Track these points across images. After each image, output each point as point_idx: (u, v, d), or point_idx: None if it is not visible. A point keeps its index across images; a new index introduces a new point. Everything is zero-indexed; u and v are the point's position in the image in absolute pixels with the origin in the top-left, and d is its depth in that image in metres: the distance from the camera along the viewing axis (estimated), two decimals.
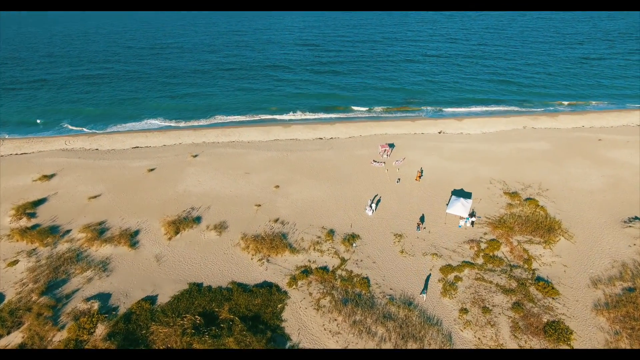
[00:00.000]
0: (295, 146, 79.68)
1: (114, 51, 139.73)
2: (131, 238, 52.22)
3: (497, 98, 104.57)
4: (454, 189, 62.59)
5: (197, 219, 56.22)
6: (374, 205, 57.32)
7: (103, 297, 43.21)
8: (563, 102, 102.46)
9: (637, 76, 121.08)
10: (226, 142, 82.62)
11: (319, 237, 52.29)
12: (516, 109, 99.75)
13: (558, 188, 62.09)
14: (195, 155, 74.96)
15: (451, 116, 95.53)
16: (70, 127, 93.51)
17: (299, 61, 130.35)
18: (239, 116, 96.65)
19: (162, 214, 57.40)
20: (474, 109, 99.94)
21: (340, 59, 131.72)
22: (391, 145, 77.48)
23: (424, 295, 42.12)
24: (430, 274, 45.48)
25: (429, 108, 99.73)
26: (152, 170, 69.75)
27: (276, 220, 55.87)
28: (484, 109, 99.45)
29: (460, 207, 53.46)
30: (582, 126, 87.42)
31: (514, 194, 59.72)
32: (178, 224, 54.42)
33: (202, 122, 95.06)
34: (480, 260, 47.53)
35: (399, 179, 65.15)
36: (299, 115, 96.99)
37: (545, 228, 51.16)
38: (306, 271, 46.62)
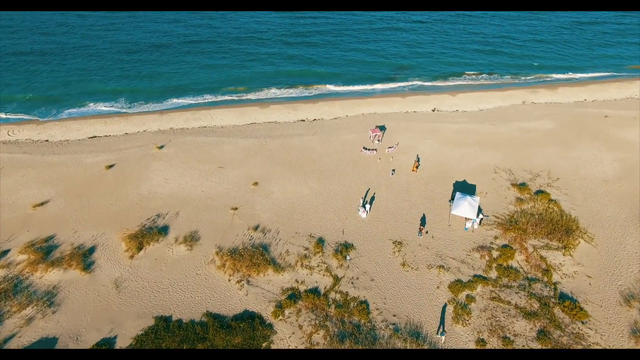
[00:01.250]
0: (275, 131, 70.90)
1: (61, 21, 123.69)
2: (85, 258, 44.00)
3: (489, 70, 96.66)
4: (456, 181, 55.85)
5: (164, 229, 48.10)
6: (367, 206, 50.19)
7: (46, 344, 35.45)
8: (559, 73, 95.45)
9: (634, 42, 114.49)
10: (197, 128, 73.03)
11: (307, 248, 45.17)
12: (510, 80, 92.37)
13: (569, 176, 56.09)
14: (161, 147, 65.50)
15: (444, 90, 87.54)
16: (11, 115, 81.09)
17: (271, 31, 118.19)
18: (210, 96, 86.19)
19: (122, 224, 48.95)
20: (466, 81, 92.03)
21: (317, 29, 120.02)
22: (382, 128, 69.59)
23: (443, 336, 35.46)
24: (445, 305, 38.94)
25: (418, 82, 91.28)
26: (111, 166, 60.30)
27: (256, 228, 48.28)
28: (477, 82, 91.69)
29: (467, 208, 46.84)
30: (584, 100, 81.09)
31: (522, 186, 53.41)
32: (141, 238, 46.25)
33: (169, 103, 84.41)
34: (493, 274, 41.48)
35: (394, 170, 57.86)
36: (276, 93, 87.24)
37: (563, 229, 45.29)
38: (294, 295, 39.74)
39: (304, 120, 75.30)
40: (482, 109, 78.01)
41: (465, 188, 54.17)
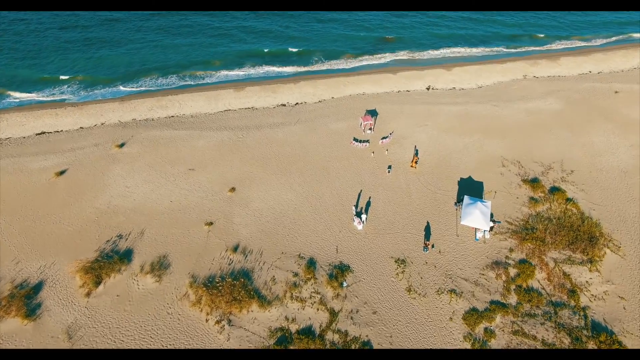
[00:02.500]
0: (253, 119, 62.46)
1: None
2: (28, 300, 36.58)
3: (485, 40, 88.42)
4: (461, 178, 49.50)
5: (127, 255, 40.75)
6: (363, 216, 43.59)
7: None
8: (559, 40, 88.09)
9: None
10: (163, 119, 63.86)
11: (296, 274, 38.72)
12: (505, 50, 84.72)
13: (584, 168, 50.39)
14: (122, 145, 56.58)
15: (438, 64, 79.55)
16: None
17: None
18: (177, 78, 75.90)
19: (77, 249, 41.31)
20: (461, 53, 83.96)
21: None
22: (373, 114, 61.94)
23: None
24: (461, 342, 33.51)
25: (407, 55, 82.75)
26: (62, 173, 51.51)
27: (235, 249, 41.37)
28: (474, 54, 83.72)
29: (479, 217, 40.75)
30: (589, 72, 74.60)
31: (535, 183, 47.49)
32: (99, 269, 38.88)
33: (130, 87, 74.08)
34: (513, 298, 36.06)
35: (390, 167, 51.01)
36: (252, 72, 77.54)
37: (585, 237, 39.93)
38: (284, 338, 33.63)
39: (284, 105, 66.80)
40: (481, 86, 70.77)
41: (471, 187, 47.97)
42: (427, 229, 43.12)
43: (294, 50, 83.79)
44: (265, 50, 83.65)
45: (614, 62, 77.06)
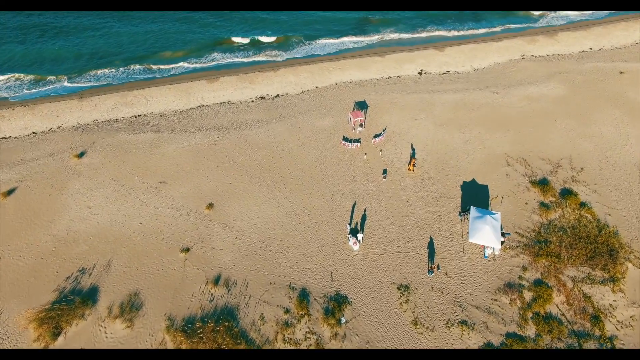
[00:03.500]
0: (230, 116, 56.09)
1: None
2: None
3: (473, 13, 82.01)
4: (464, 181, 44.93)
5: (92, 294, 35.37)
6: (360, 235, 38.85)
7: None
8: (552, 12, 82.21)
9: None
10: (128, 119, 56.84)
11: (287, 309, 34.11)
12: (499, 28, 78.59)
13: (595, 164, 46.35)
14: (82, 154, 49.83)
15: (428, 43, 73.41)
16: None
17: None
18: (142, 68, 67.91)
19: (30, 291, 35.67)
20: (451, 31, 77.63)
21: None
22: (362, 106, 56.20)
23: None
24: None
25: (394, 34, 76.04)
26: (10, 192, 44.89)
27: (216, 281, 36.36)
28: (465, 31, 77.51)
29: (489, 233, 36.47)
30: (590, 49, 69.72)
31: (544, 185, 43.28)
32: (57, 317, 33.50)
33: (89, 78, 65.84)
34: (531, 329, 32.34)
35: (386, 172, 45.98)
36: (226, 59, 70.07)
37: (605, 250, 36.24)
38: None
39: (264, 98, 60.31)
40: (477, 68, 65.31)
41: (476, 191, 43.52)
42: (431, 246, 38.75)
43: (271, 34, 76.05)
44: (238, 36, 75.51)
45: (615, 37, 72.23)
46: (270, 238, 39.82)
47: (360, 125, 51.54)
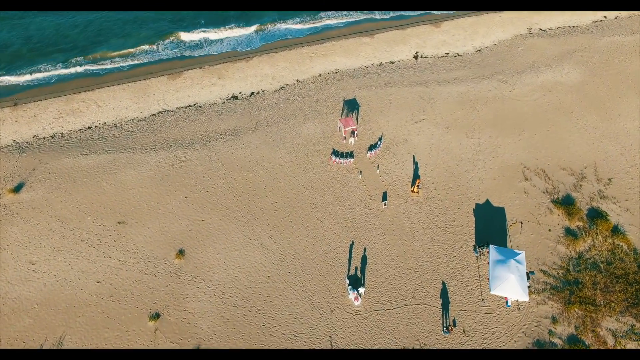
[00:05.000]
0: (197, 125, 47.64)
1: None
2: None
3: None
4: (476, 204, 38.66)
5: None
6: (362, 289, 32.77)
7: None
8: None
9: None
10: (76, 133, 47.83)
11: None
12: None
13: (623, 173, 40.55)
14: (19, 187, 41.32)
15: (422, 15, 63.89)
16: None
17: None
18: (85, 63, 57.18)
19: None
20: None
21: None
22: (352, 106, 48.19)
23: None
24: None
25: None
26: None
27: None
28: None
29: (514, 284, 30.84)
30: (604, 17, 61.84)
31: (569, 207, 37.43)
32: None
33: (24, 77, 55.25)
34: None
35: (386, 196, 39.24)
36: (185, 48, 59.62)
37: None
38: None
39: (236, 98, 51.50)
40: (480, 48, 57.05)
41: (490, 216, 37.50)
42: (444, 294, 33.06)
43: (237, 13, 64.99)
44: (200, 23, 64.23)
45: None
46: (256, 294, 33.44)
47: (353, 133, 43.89)
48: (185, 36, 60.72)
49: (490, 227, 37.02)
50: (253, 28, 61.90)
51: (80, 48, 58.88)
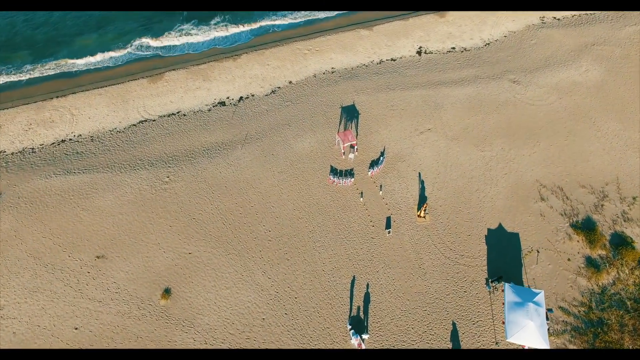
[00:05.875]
0: (180, 139, 43.54)
1: None
2: None
3: None
4: (488, 229, 35.39)
5: None
6: (365, 337, 29.86)
7: None
8: None
9: None
10: (49, 148, 43.74)
11: None
12: None
13: None
14: None
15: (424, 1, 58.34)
16: None
17: None
18: (55, 63, 51.99)
19: None
20: None
21: None
22: (351, 115, 43.98)
23: None
24: None
25: None
26: None
27: None
28: None
29: (533, 331, 28.02)
30: None
31: (590, 233, 34.23)
32: None
33: None
34: None
35: (390, 224, 35.83)
36: (170, 44, 54.37)
37: None
38: None
39: (223, 104, 47.11)
40: (489, 42, 52.29)
41: (504, 243, 34.40)
42: (454, 337, 30.29)
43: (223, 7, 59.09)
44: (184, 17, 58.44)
45: None
46: (250, 340, 30.55)
47: (352, 147, 39.94)
48: (167, 32, 55.33)
49: (504, 256, 33.93)
50: (241, 21, 56.32)
51: (50, 47, 53.63)
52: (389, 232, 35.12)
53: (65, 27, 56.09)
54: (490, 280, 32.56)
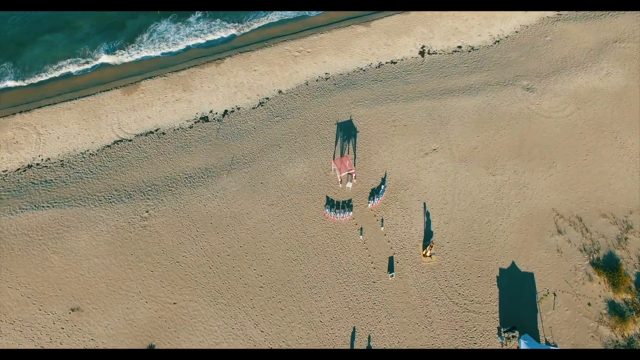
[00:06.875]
0: (159, 164, 39.44)
1: None
2: None
3: None
4: (500, 268, 32.35)
5: None
6: None
7: None
8: None
9: None
10: (13, 176, 39.56)
11: None
12: None
13: None
14: None
15: None
16: None
17: None
18: (13, 67, 46.58)
19: None
20: None
21: None
22: (348, 133, 39.73)
23: None
24: None
25: None
26: None
27: None
28: None
29: None
30: None
31: (614, 273, 31.16)
32: None
33: None
34: None
35: (393, 266, 32.62)
36: (140, 48, 48.59)
37: None
38: None
39: (206, 119, 42.62)
40: (499, 38, 47.30)
41: (518, 285, 31.63)
42: None
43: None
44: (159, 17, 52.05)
45: None
46: None
47: (350, 174, 36.06)
48: (141, 32, 49.60)
49: (517, 300, 31.10)
50: (224, 18, 50.50)
51: (7, 49, 47.88)
52: (392, 276, 31.97)
53: (27, 27, 50.06)
54: (503, 330, 29.78)
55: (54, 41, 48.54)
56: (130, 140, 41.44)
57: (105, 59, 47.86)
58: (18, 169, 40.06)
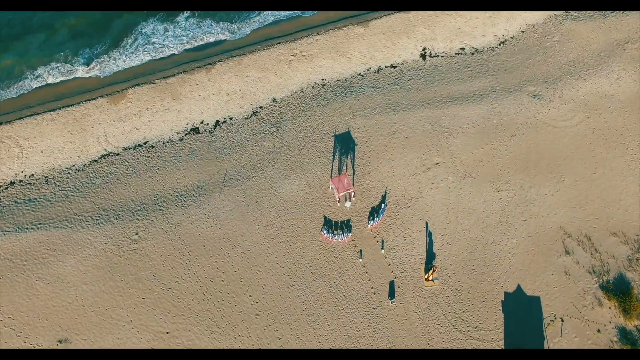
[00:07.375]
0: (149, 180, 37.65)
1: None
2: None
3: None
4: (505, 292, 31.13)
5: None
6: None
7: None
8: None
9: None
10: None
11: None
12: None
13: None
14: None
15: None
16: None
17: None
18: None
19: None
20: None
21: None
22: (346, 146, 37.85)
23: None
24: None
25: None
26: None
27: None
28: None
29: None
30: None
31: (624, 298, 29.98)
32: None
33: None
34: None
35: (394, 291, 31.33)
36: (127, 53, 46.02)
37: None
38: None
39: (197, 131, 40.61)
40: (504, 40, 45.01)
41: (524, 310, 30.49)
42: None
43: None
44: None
45: None
46: None
47: (349, 194, 34.36)
48: (127, 35, 47.00)
49: (523, 326, 29.95)
50: (214, 18, 47.84)
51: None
52: (393, 302, 30.70)
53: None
54: None
55: (28, 47, 45.73)
56: (117, 154, 39.50)
57: (84, 71, 44.97)
58: (0, 187, 38.21)
